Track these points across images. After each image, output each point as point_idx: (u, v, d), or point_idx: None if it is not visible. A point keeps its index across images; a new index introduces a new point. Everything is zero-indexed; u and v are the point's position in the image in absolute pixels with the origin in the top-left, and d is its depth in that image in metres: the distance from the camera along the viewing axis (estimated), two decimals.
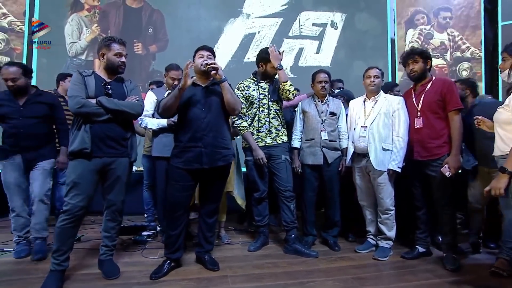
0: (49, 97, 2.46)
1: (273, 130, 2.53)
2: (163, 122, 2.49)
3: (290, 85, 2.44)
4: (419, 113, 2.27)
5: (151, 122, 2.55)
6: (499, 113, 1.90)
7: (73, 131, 1.89)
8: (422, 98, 2.26)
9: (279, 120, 2.56)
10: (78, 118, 1.89)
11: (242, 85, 2.56)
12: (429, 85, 2.26)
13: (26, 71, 2.33)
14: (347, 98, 2.89)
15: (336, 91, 3.09)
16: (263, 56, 2.49)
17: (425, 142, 2.24)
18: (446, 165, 2.11)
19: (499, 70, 2.01)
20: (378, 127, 2.40)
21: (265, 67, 2.50)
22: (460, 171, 2.14)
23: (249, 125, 2.53)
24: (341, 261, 2.34)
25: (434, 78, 2.29)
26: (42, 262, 2.17)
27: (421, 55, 2.26)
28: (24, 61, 4.17)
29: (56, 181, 2.93)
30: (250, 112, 2.54)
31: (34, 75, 4.08)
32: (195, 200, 2.46)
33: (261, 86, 2.53)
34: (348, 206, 2.76)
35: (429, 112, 2.23)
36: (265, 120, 2.52)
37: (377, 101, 2.46)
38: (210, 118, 2.03)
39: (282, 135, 2.56)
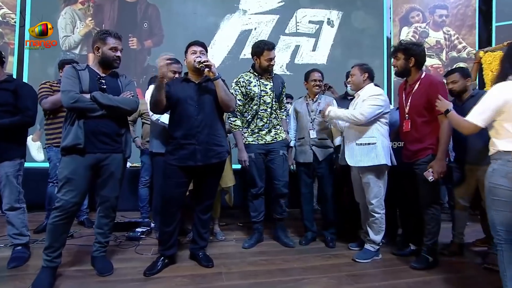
0: (15, 84, 2.15)
1: (272, 129, 2.56)
2: None
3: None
4: (407, 115, 2.22)
5: (164, 116, 2.46)
6: None
7: (66, 126, 1.85)
8: (409, 100, 2.19)
9: (278, 119, 2.61)
10: (71, 113, 1.86)
11: (242, 79, 2.50)
12: (416, 85, 2.16)
13: None
14: None
15: (349, 85, 2.96)
16: (255, 50, 2.48)
17: (409, 145, 2.20)
18: (430, 169, 2.03)
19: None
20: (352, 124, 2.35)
21: (259, 61, 2.48)
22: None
23: (249, 122, 2.51)
24: (335, 259, 2.36)
25: (423, 76, 2.18)
26: (34, 259, 2.13)
27: (403, 51, 2.18)
28: (16, 55, 4.10)
29: (47, 179, 2.86)
30: (249, 108, 2.51)
31: (25, 69, 4.09)
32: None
33: (262, 82, 2.52)
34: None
35: (415, 116, 2.16)
36: (267, 120, 2.53)
37: (359, 95, 2.40)
38: (204, 115, 2.01)
39: (281, 133, 2.61)
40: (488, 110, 1.53)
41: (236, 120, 2.48)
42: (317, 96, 2.67)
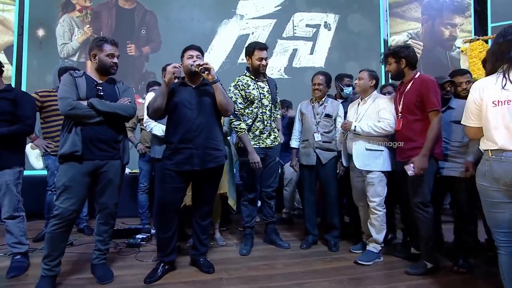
0: (15, 93, 2.15)
1: (272, 133, 2.57)
2: None
3: None
4: (400, 114, 2.23)
5: (156, 127, 2.51)
6: None
7: (64, 134, 1.85)
8: (402, 99, 2.21)
9: (275, 122, 2.63)
10: (68, 121, 1.85)
11: (240, 83, 2.48)
12: (409, 85, 2.18)
13: None
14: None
15: (345, 88, 2.91)
16: (247, 50, 2.52)
17: (403, 144, 2.20)
18: (411, 164, 2.03)
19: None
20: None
21: (251, 61, 2.50)
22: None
23: (250, 126, 2.50)
24: (337, 262, 2.34)
25: (417, 75, 2.19)
26: (34, 268, 2.11)
27: (393, 55, 2.22)
28: (14, 63, 4.11)
29: (46, 187, 2.85)
30: (249, 111, 2.51)
31: (24, 76, 4.10)
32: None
33: (259, 85, 2.53)
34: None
35: (407, 114, 2.16)
36: (267, 122, 2.54)
37: (366, 102, 2.44)
38: (201, 119, 2.01)
39: (278, 137, 2.64)
40: (469, 108, 1.52)
41: (240, 124, 2.45)
42: (323, 99, 2.67)
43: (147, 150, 3.11)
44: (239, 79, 2.51)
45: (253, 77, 2.52)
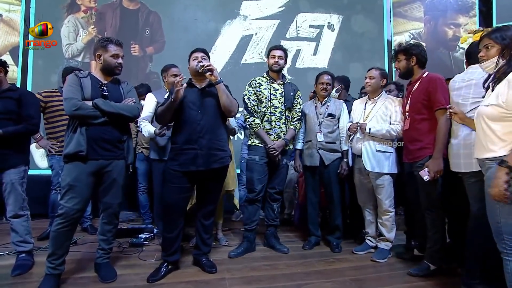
0: (19, 92, 2.19)
1: (282, 136, 2.53)
2: (152, 130, 2.51)
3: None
4: (407, 114, 2.21)
5: (144, 128, 2.56)
6: (489, 107, 1.44)
7: (69, 134, 1.87)
8: (410, 98, 2.20)
9: (287, 127, 2.57)
10: (73, 121, 1.87)
11: (254, 82, 2.55)
12: (417, 84, 2.16)
13: None
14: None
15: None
16: (267, 52, 2.61)
17: (409, 144, 2.19)
18: (426, 169, 1.99)
19: (480, 59, 1.66)
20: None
21: (268, 61, 2.56)
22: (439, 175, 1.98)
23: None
24: (339, 263, 2.34)
25: (425, 74, 2.16)
26: (38, 266, 2.13)
27: (404, 52, 2.20)
28: (20, 63, 4.14)
29: (50, 187, 2.87)
30: (259, 110, 2.52)
31: (29, 77, 4.14)
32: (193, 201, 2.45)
33: (273, 87, 2.54)
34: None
35: (414, 114, 2.15)
36: (276, 124, 2.52)
37: (376, 102, 2.45)
38: (206, 120, 2.02)
39: (289, 143, 2.60)
40: None
41: (255, 120, 2.48)
42: (326, 99, 2.67)
43: (144, 150, 3.13)
44: (254, 79, 2.58)
45: (269, 78, 2.55)
